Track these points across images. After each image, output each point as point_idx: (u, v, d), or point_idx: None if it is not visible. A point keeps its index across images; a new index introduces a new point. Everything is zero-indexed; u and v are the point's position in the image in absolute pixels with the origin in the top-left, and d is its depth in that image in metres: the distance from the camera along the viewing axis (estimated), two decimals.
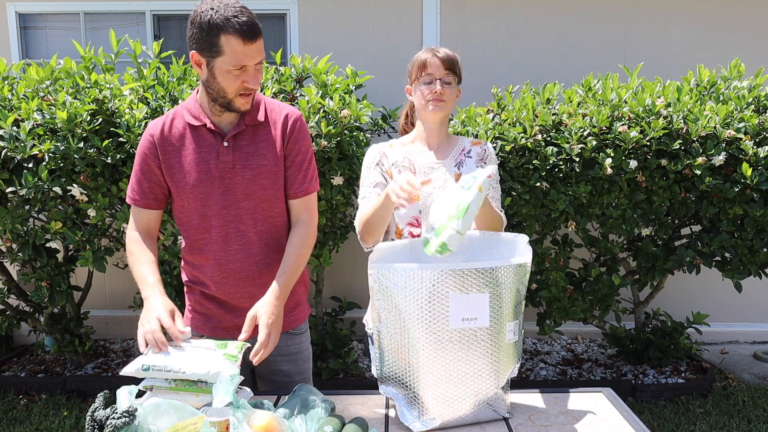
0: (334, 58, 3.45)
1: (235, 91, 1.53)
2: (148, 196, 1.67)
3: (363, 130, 3.04)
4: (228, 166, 1.60)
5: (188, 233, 1.69)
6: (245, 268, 1.66)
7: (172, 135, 1.63)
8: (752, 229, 2.95)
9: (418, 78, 1.77)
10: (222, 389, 1.22)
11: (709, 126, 2.82)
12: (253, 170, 1.61)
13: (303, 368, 1.81)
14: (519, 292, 1.45)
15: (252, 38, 1.46)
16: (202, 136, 1.62)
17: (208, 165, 1.61)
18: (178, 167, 1.62)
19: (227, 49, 1.46)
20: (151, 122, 1.67)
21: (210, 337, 1.72)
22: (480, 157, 1.85)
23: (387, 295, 1.38)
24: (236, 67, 1.48)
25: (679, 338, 3.50)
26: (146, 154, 1.64)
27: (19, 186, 2.71)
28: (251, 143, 1.62)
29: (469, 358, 1.38)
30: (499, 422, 1.46)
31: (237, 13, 1.45)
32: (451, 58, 1.77)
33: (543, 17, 4.08)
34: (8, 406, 3.27)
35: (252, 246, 1.66)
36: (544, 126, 2.92)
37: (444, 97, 1.75)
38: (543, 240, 3.16)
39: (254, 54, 1.49)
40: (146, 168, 1.65)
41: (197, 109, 1.62)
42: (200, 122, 1.61)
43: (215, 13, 1.44)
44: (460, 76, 1.79)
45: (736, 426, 3.03)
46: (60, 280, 3.18)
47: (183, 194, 1.64)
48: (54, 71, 2.92)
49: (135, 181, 1.67)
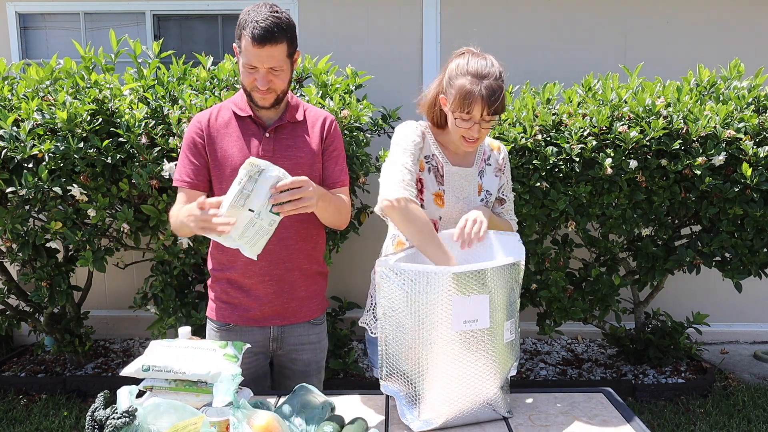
0: (334, 58, 3.45)
1: (249, 85, 1.67)
2: (200, 176, 1.76)
3: (363, 130, 3.04)
4: (268, 154, 1.73)
5: None
6: (276, 251, 1.75)
7: (218, 123, 1.77)
8: (752, 229, 2.95)
9: (458, 110, 1.58)
10: (222, 389, 1.22)
11: (709, 126, 2.82)
12: (292, 161, 1.74)
13: (320, 357, 1.91)
14: (514, 290, 1.45)
15: (261, 43, 1.58)
16: (247, 126, 1.76)
17: (249, 151, 1.73)
18: (222, 151, 1.75)
19: (244, 47, 1.62)
20: (197, 114, 1.81)
21: (236, 325, 1.80)
22: (498, 167, 1.80)
23: (392, 297, 1.38)
24: (248, 65, 1.63)
25: (679, 338, 3.50)
26: (194, 138, 1.76)
27: (19, 186, 2.71)
28: (290, 137, 1.77)
29: (470, 358, 1.39)
30: (499, 422, 1.46)
31: (262, 18, 1.58)
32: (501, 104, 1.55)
33: (543, 17, 4.08)
34: (8, 406, 3.27)
35: (285, 231, 1.75)
36: (544, 126, 2.91)
37: (480, 138, 1.61)
38: (543, 240, 3.15)
39: (264, 58, 1.61)
40: (195, 151, 1.76)
41: (243, 102, 1.77)
42: (246, 113, 1.75)
43: (248, 15, 1.60)
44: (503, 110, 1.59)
45: (736, 426, 3.03)
46: (60, 280, 3.18)
47: (224, 177, 1.74)
48: (54, 71, 2.92)
49: (185, 164, 1.77)
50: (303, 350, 1.86)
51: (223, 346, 1.49)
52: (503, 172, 1.81)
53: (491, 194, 1.78)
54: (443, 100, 1.65)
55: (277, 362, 1.88)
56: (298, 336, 1.84)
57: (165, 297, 3.08)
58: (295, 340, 1.84)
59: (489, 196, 1.77)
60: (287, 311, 1.81)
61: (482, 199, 1.75)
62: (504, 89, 1.59)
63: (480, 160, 1.78)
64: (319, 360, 1.91)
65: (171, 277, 3.10)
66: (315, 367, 1.89)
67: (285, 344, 1.84)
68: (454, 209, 1.71)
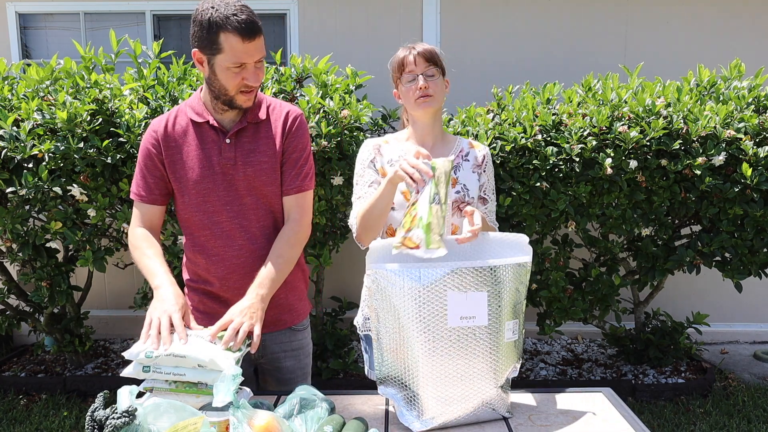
0: (334, 58, 3.45)
1: (236, 88, 1.55)
2: (153, 192, 1.67)
3: (363, 130, 3.04)
4: (230, 162, 1.62)
5: (191, 230, 1.70)
6: (249, 263, 1.66)
7: (175, 132, 1.64)
8: (752, 229, 2.95)
9: (400, 78, 1.73)
10: (222, 389, 1.22)
11: (709, 126, 2.82)
12: (254, 167, 1.63)
13: (304, 363, 1.83)
14: (519, 291, 1.45)
15: (251, 36, 1.48)
16: (205, 133, 1.63)
17: (210, 161, 1.62)
18: (181, 163, 1.64)
19: (227, 47, 1.48)
20: (154, 120, 1.68)
21: None
22: (477, 164, 1.80)
23: (385, 296, 1.38)
24: (236, 65, 1.51)
25: (679, 338, 3.50)
26: (149, 150, 1.65)
27: (19, 186, 2.71)
28: (252, 140, 1.64)
29: (468, 357, 1.38)
30: (499, 422, 1.46)
31: (236, 11, 1.47)
32: (429, 50, 1.71)
33: (543, 17, 4.08)
34: (8, 406, 3.27)
35: (256, 241, 1.67)
36: (544, 126, 2.91)
37: (430, 91, 1.70)
38: (543, 240, 3.16)
39: (253, 52, 1.50)
40: (150, 164, 1.66)
41: (200, 106, 1.64)
42: (203, 119, 1.63)
43: (215, 12, 1.46)
44: (443, 68, 1.74)
45: (736, 426, 3.03)
46: (60, 280, 3.18)
47: (186, 190, 1.65)
48: (54, 71, 2.92)
49: (139, 178, 1.68)
50: (285, 358, 1.78)
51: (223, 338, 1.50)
52: (484, 171, 1.81)
53: (469, 190, 1.78)
54: (396, 94, 1.79)
55: (261, 370, 1.81)
56: (280, 343, 1.76)
57: None
58: (277, 348, 1.76)
59: (467, 191, 1.77)
60: (267, 319, 1.64)
61: (458, 191, 1.76)
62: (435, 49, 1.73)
63: (455, 155, 1.79)
64: (303, 366, 1.83)
65: None
66: (300, 374, 1.82)
67: (267, 352, 1.76)
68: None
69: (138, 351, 1.39)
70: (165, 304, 1.46)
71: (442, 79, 1.74)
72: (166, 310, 1.44)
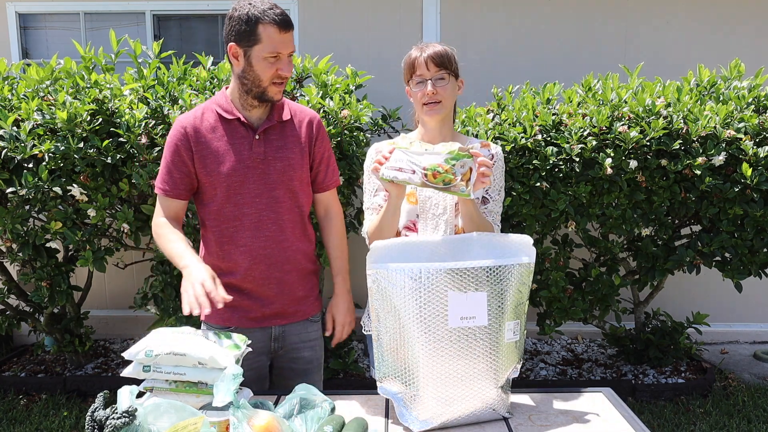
0: (334, 58, 3.45)
1: (270, 78, 1.65)
2: (178, 187, 1.74)
3: (363, 130, 3.04)
4: (260, 157, 1.72)
5: (219, 222, 1.76)
6: (276, 254, 1.76)
7: (203, 127, 1.73)
8: (752, 229, 2.95)
9: (410, 80, 1.72)
10: (223, 388, 1.22)
11: (709, 126, 2.82)
12: (284, 162, 1.74)
13: (319, 354, 1.92)
14: (521, 292, 1.44)
15: (286, 28, 1.63)
16: (235, 129, 1.73)
17: (241, 155, 1.71)
18: (212, 157, 1.71)
19: (264, 37, 1.61)
20: (180, 117, 1.75)
21: (237, 327, 1.78)
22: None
23: (385, 296, 1.38)
24: (272, 54, 1.62)
25: (679, 338, 3.50)
26: (178, 144, 1.72)
27: (19, 186, 2.71)
28: (280, 138, 1.76)
29: (468, 357, 1.38)
30: (499, 422, 1.46)
31: (272, 6, 1.63)
32: (440, 54, 1.68)
33: (543, 17, 4.08)
34: (8, 406, 3.27)
35: (283, 232, 1.77)
36: (544, 126, 2.91)
37: (438, 97, 1.68)
38: (543, 240, 3.15)
39: (288, 43, 1.64)
40: (177, 159, 1.72)
41: (229, 104, 1.73)
42: (233, 116, 1.72)
43: (253, 7, 1.61)
44: (454, 70, 1.71)
45: (736, 426, 3.03)
46: (60, 280, 3.18)
47: (216, 183, 1.72)
48: (54, 71, 2.92)
49: (165, 173, 1.74)
50: (303, 348, 1.86)
51: (226, 337, 1.50)
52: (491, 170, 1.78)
53: None
54: (408, 91, 1.77)
55: (277, 364, 1.88)
56: (298, 334, 1.85)
57: (165, 297, 3.08)
58: (296, 338, 1.84)
59: None
60: (288, 310, 1.81)
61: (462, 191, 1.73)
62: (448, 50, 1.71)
63: None
64: (318, 357, 1.92)
65: (171, 277, 3.10)
66: (316, 365, 1.90)
67: (286, 343, 1.84)
68: (429, 202, 1.73)
69: (138, 351, 1.39)
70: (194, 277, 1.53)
71: (454, 81, 1.71)
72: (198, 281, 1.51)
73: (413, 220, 1.75)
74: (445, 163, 1.43)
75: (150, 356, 1.38)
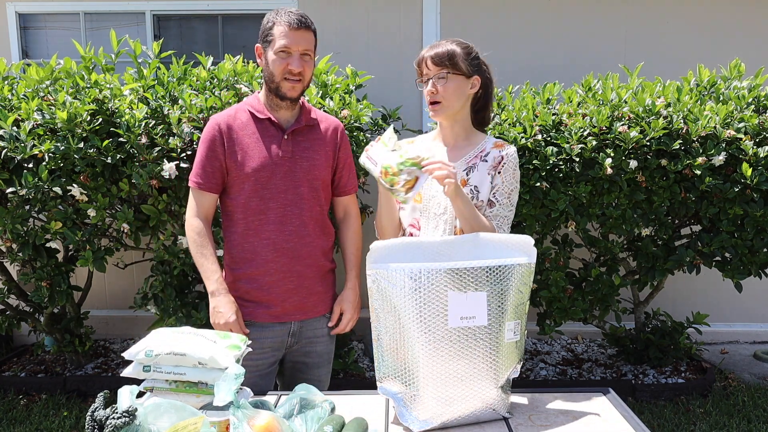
0: (334, 58, 3.45)
1: (281, 73, 1.76)
2: (210, 180, 1.84)
3: (363, 130, 3.04)
4: (288, 155, 1.84)
5: (245, 215, 1.85)
6: (298, 248, 1.86)
7: (236, 124, 1.85)
8: (752, 229, 2.95)
9: (418, 80, 1.75)
10: (223, 388, 1.22)
11: (709, 126, 2.82)
12: (309, 161, 1.86)
13: (330, 349, 2.02)
14: (521, 292, 1.44)
15: (296, 26, 1.75)
16: (266, 128, 1.85)
17: (270, 152, 1.82)
18: (243, 153, 1.82)
19: (276, 35, 1.75)
20: (215, 115, 1.88)
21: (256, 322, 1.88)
22: (495, 163, 1.71)
23: (385, 296, 1.38)
24: (281, 49, 1.75)
25: (679, 338, 3.50)
26: (213, 140, 1.83)
27: (19, 186, 2.71)
28: (306, 139, 1.89)
29: (468, 357, 1.38)
30: (499, 422, 1.46)
31: (294, 11, 1.79)
32: (441, 54, 1.66)
33: (543, 17, 4.08)
34: (8, 406, 3.27)
35: (305, 228, 1.87)
36: (544, 126, 2.92)
37: (438, 97, 1.68)
38: (543, 240, 3.16)
39: (298, 39, 1.75)
40: (211, 153, 1.83)
41: (260, 105, 1.87)
42: (265, 116, 1.85)
43: (276, 14, 1.78)
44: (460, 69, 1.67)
45: (736, 426, 3.03)
46: (60, 280, 3.18)
47: (245, 177, 1.82)
48: (54, 71, 2.92)
49: (199, 167, 1.85)
50: (318, 342, 1.95)
51: (226, 337, 1.50)
52: (499, 172, 1.71)
53: (480, 192, 1.71)
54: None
55: (290, 358, 1.96)
56: (314, 329, 1.94)
57: (165, 297, 3.08)
58: (311, 333, 1.93)
59: (477, 193, 1.71)
60: (307, 306, 1.90)
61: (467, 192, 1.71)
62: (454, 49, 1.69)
63: (474, 156, 1.75)
64: (330, 351, 2.01)
65: (171, 277, 3.10)
66: (326, 358, 2.00)
67: (302, 338, 1.92)
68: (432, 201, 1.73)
69: (138, 351, 1.39)
70: (224, 316, 1.79)
71: (460, 80, 1.68)
72: (227, 322, 1.79)
73: (417, 218, 1.76)
74: (396, 166, 1.49)
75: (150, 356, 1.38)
